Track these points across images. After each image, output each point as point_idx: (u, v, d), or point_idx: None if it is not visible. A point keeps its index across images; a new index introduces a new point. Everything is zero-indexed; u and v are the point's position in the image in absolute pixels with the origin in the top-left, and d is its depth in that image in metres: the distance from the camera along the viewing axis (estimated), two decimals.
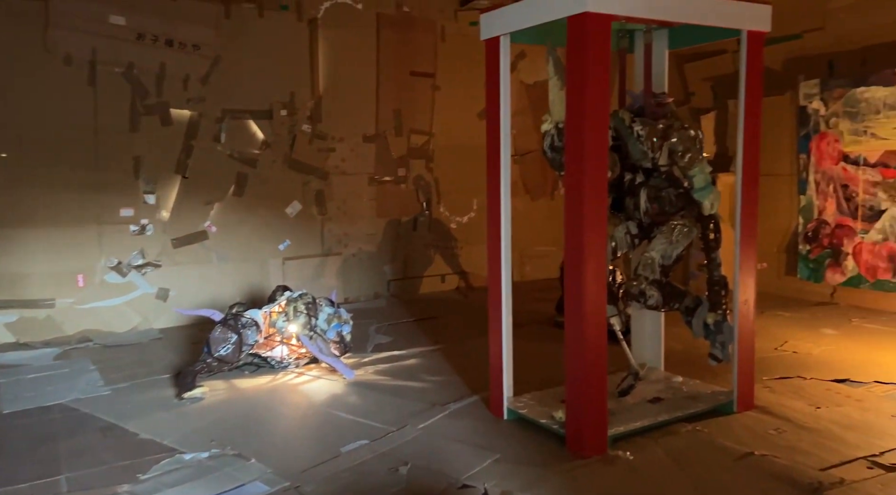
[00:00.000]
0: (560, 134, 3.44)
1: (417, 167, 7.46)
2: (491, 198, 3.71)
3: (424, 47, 7.36)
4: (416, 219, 7.49)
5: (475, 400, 4.05)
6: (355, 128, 7.06)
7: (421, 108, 7.41)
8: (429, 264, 7.60)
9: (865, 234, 6.13)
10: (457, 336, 5.59)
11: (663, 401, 3.76)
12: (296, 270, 6.78)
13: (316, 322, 4.60)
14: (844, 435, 3.43)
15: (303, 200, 6.83)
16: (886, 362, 4.62)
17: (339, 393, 4.28)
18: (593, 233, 3.13)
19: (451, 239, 7.68)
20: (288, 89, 6.67)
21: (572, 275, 3.20)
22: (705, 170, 3.63)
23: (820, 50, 6.57)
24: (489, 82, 3.62)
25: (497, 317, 3.74)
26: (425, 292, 7.50)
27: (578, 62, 3.04)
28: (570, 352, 3.26)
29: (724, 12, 3.42)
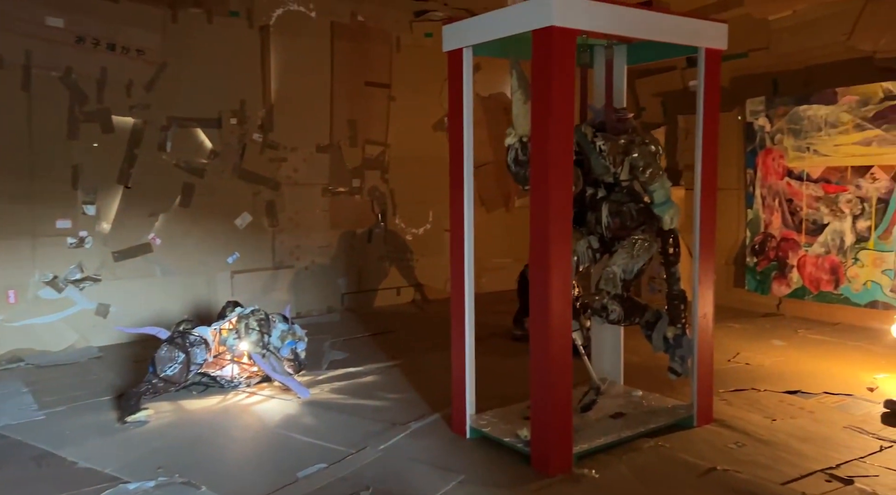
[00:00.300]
0: (524, 148, 3.40)
1: (372, 178, 7.34)
2: (454, 210, 3.64)
3: (379, 58, 7.27)
4: (370, 231, 7.36)
5: (436, 418, 3.96)
6: (308, 138, 6.91)
7: (376, 118, 7.31)
8: (384, 277, 7.48)
9: (809, 248, 6.33)
10: (415, 350, 5.48)
11: (625, 416, 3.74)
12: (245, 284, 6.56)
13: (269, 339, 4.43)
14: (801, 447, 3.48)
15: (253, 211, 6.62)
16: (833, 372, 4.74)
17: (293, 413, 4.12)
18: (559, 247, 3.09)
19: (407, 251, 7.59)
20: (238, 97, 6.47)
21: (537, 291, 3.16)
22: (665, 185, 3.65)
23: (765, 68, 6.78)
24: (452, 94, 3.56)
25: (460, 331, 3.66)
26: (380, 305, 7.37)
27: (544, 76, 3.01)
28: (536, 369, 3.21)
29: (683, 30, 3.46)
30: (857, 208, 5.97)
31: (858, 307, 6.00)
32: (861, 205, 5.95)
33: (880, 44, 5.92)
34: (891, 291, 5.78)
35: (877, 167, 5.82)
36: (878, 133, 5.77)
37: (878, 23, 5.94)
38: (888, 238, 5.78)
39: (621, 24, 3.19)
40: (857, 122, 5.90)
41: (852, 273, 6.03)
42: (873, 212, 5.88)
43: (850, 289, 6.05)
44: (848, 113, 5.95)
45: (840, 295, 6.12)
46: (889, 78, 5.78)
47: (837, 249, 6.13)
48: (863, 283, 5.96)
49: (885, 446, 3.47)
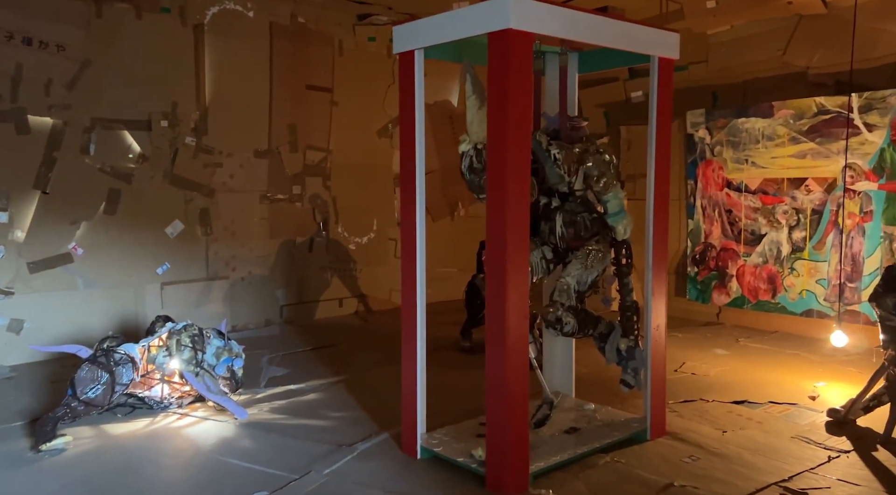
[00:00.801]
0: (479, 155, 3.27)
1: (314, 185, 7.09)
2: (405, 219, 3.48)
3: (321, 61, 7.04)
4: (312, 240, 7.10)
5: (385, 438, 3.76)
6: (245, 143, 6.60)
7: (318, 123, 7.06)
8: (325, 287, 7.22)
9: (748, 257, 6.45)
10: (360, 365, 5.27)
11: (579, 431, 3.65)
12: (177, 296, 6.19)
13: (203, 357, 4.14)
14: (753, 460, 3.46)
15: (185, 219, 6.27)
16: (776, 381, 4.80)
17: (230, 436, 3.84)
18: (516, 258, 2.97)
19: (350, 260, 7.35)
20: (169, 98, 6.12)
21: (494, 303, 3.02)
22: (619, 195, 3.59)
23: (704, 81, 6.91)
24: (403, 98, 3.40)
25: (411, 346, 3.49)
26: (322, 317, 7.11)
27: (500, 80, 2.89)
28: (491, 385, 3.07)
29: (638, 38, 3.41)
30: (793, 219, 6.13)
31: (795, 316, 6.14)
32: (796, 217, 6.11)
33: (813, 60, 6.11)
34: (825, 300, 5.94)
35: (811, 179, 5.99)
36: (812, 146, 5.94)
37: (811, 40, 6.13)
38: (822, 248, 5.95)
39: (578, 30, 3.11)
40: (792, 135, 6.07)
41: (789, 282, 6.18)
42: (808, 223, 6.04)
43: (786, 298, 6.20)
44: (784, 126, 6.11)
45: (777, 304, 6.26)
46: (822, 93, 5.96)
47: (774, 259, 6.27)
48: (799, 292, 6.11)
49: (832, 456, 3.49)
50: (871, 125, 5.57)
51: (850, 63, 5.86)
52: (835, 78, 5.97)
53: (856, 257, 5.73)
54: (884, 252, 5.55)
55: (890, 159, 5.48)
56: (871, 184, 5.61)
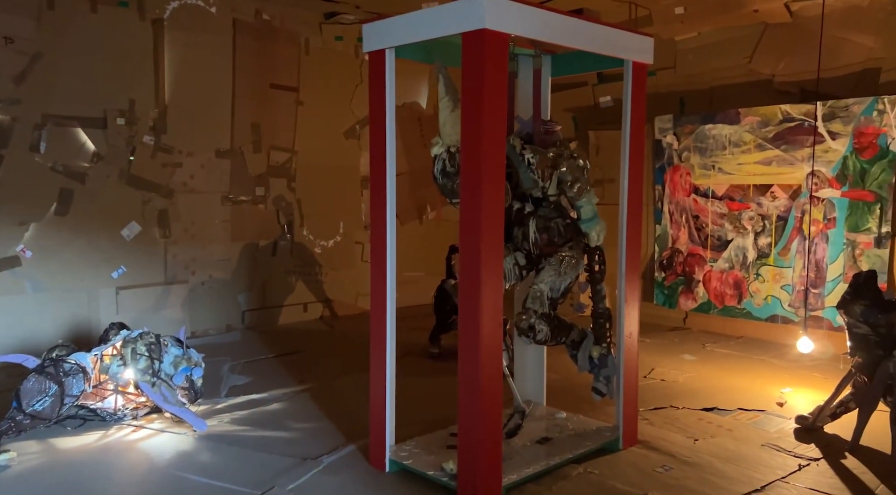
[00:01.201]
0: (452, 158, 3.18)
1: (278, 186, 6.91)
2: (375, 223, 3.36)
3: (287, 59, 6.87)
4: (275, 243, 6.91)
5: (352, 450, 3.63)
6: (207, 142, 6.39)
7: (282, 123, 6.89)
8: (290, 292, 7.04)
9: (714, 263, 6.49)
10: (325, 373, 5.12)
11: (551, 441, 3.58)
12: (133, 301, 5.95)
13: (160, 366, 3.95)
14: (725, 469, 3.43)
15: (142, 221, 6.03)
16: (743, 388, 4.81)
17: (188, 449, 3.67)
18: (490, 264, 2.88)
19: (315, 264, 7.19)
20: (126, 95, 5.89)
21: (467, 310, 2.93)
22: (592, 200, 3.53)
23: (672, 87, 6.94)
24: (373, 98, 3.28)
25: (380, 354, 3.37)
26: (286, 323, 6.92)
27: (475, 82, 2.80)
28: (464, 395, 2.97)
29: (612, 42, 3.36)
30: (759, 225, 6.18)
31: (760, 321, 6.20)
32: (762, 223, 6.16)
33: (778, 68, 6.18)
34: (789, 306, 6.00)
35: (776, 186, 6.05)
36: (778, 153, 6.00)
37: (776, 48, 6.20)
38: (787, 254, 6.01)
39: (554, 32, 3.04)
40: (758, 142, 6.12)
41: (754, 288, 6.23)
42: (773, 229, 6.10)
43: (752, 303, 6.25)
44: (750, 133, 6.16)
45: (743, 309, 6.31)
46: (787, 100, 6.03)
47: (740, 265, 6.32)
48: (764, 298, 6.17)
49: (802, 464, 3.48)
50: (835, 133, 5.64)
51: (814, 72, 5.95)
52: (799, 86, 6.04)
53: (819, 263, 5.80)
54: (846, 258, 5.63)
55: (853, 167, 5.56)
56: (835, 192, 5.68)
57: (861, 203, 5.53)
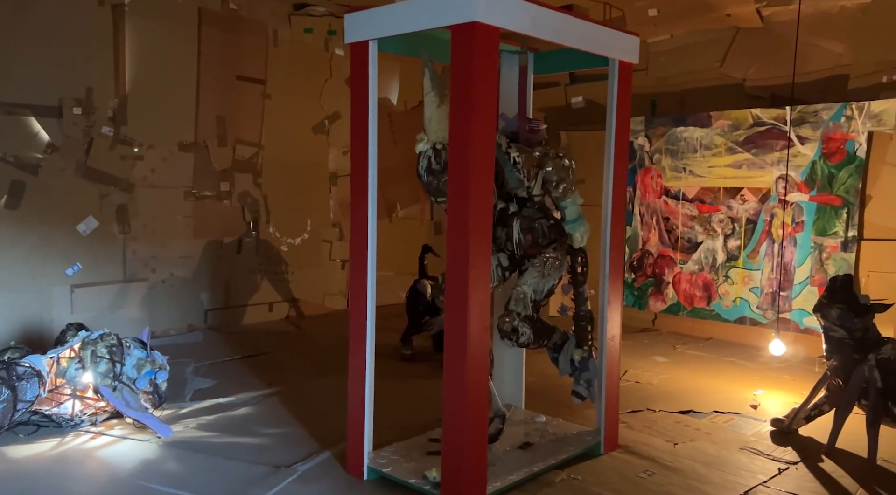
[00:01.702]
0: (438, 155, 3.07)
1: (244, 182, 6.69)
2: (356, 222, 3.22)
3: (254, 51, 6.65)
4: (240, 241, 6.69)
5: (327, 457, 3.49)
6: (169, 135, 6.14)
7: (249, 116, 6.67)
8: (254, 291, 6.82)
9: (684, 265, 6.53)
10: (294, 376, 4.95)
11: (533, 446, 3.50)
12: (89, 300, 5.67)
13: (122, 369, 3.75)
14: (707, 474, 3.41)
15: (100, 216, 5.76)
16: (716, 390, 4.83)
17: (152, 457, 3.48)
18: (478, 265, 2.79)
19: (281, 262, 6.99)
20: (84, 83, 5.61)
21: (454, 313, 2.82)
22: (577, 201, 3.47)
23: (643, 89, 6.95)
24: (355, 92, 3.15)
25: (359, 357, 3.23)
26: (250, 323, 6.71)
27: (465, 76, 2.70)
28: (449, 401, 2.86)
29: (601, 40, 3.30)
30: (729, 228, 6.24)
31: (728, 323, 6.25)
32: (732, 225, 6.22)
33: (749, 72, 6.24)
34: (757, 308, 6.07)
35: (746, 189, 6.11)
36: (748, 157, 6.06)
37: (747, 52, 6.26)
38: (756, 257, 6.08)
39: (545, 27, 2.96)
40: (729, 146, 6.17)
41: (723, 290, 6.29)
42: (743, 232, 6.16)
43: (720, 305, 6.30)
44: (721, 136, 6.21)
45: (712, 311, 6.36)
46: (758, 105, 6.09)
47: (710, 267, 6.37)
48: (732, 300, 6.22)
49: (782, 468, 3.48)
50: (804, 138, 5.72)
51: (784, 77, 6.03)
52: (770, 91, 6.11)
53: (787, 266, 5.88)
54: (813, 262, 5.72)
55: (821, 172, 5.65)
56: (803, 196, 5.76)
57: (828, 207, 5.62)
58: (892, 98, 5.32)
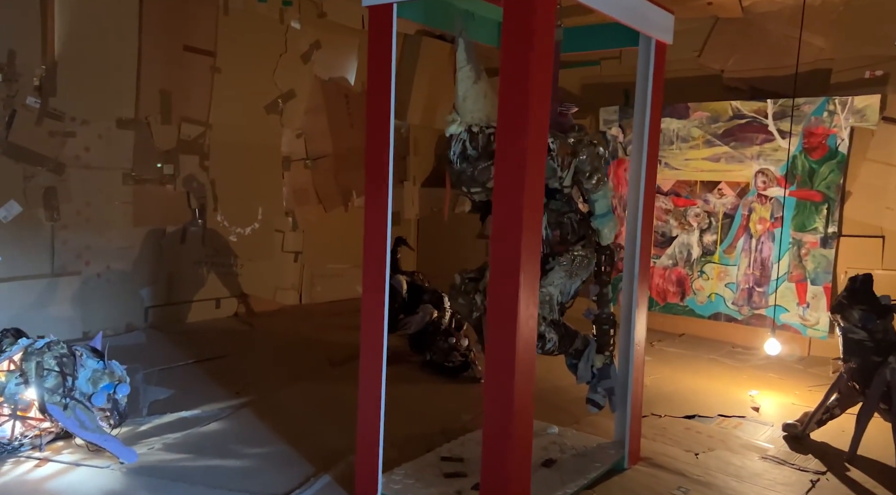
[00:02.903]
0: (474, 139, 2.67)
1: (189, 165, 6.02)
2: (372, 208, 2.78)
3: (202, 18, 5.98)
4: (185, 230, 6.03)
5: (327, 481, 3.05)
6: (106, 109, 5.42)
7: (196, 91, 6.00)
8: (200, 285, 6.18)
9: (657, 259, 6.39)
10: (262, 383, 4.43)
11: (556, 463, 3.19)
12: (12, 297, 4.93)
13: (74, 383, 3.15)
14: (742, 488, 3.19)
15: (24, 200, 5.00)
16: (710, 390, 4.68)
17: (118, 489, 2.93)
18: (529, 267, 2.42)
19: (230, 254, 6.37)
20: (4, 45, 4.83)
21: (498, 320, 2.44)
22: (608, 194, 3.17)
23: (616, 78, 6.76)
24: (373, 65, 2.69)
25: (373, 367, 2.80)
26: (196, 321, 6.08)
27: (520, 47, 2.31)
28: (491, 419, 2.48)
29: (643, 15, 2.99)
30: (705, 222, 6.13)
31: (702, 319, 6.16)
32: (708, 220, 6.12)
33: (728, 64, 6.13)
34: (732, 304, 6.00)
35: (724, 183, 6.01)
36: (727, 150, 5.96)
37: (725, 43, 6.15)
38: (732, 252, 6.00)
39: None
40: (707, 138, 6.05)
41: (698, 285, 6.19)
42: (719, 226, 6.07)
43: (695, 301, 6.20)
44: (699, 128, 6.08)
45: (685, 306, 6.26)
46: (737, 97, 6.00)
47: (684, 262, 6.26)
48: (707, 296, 6.13)
49: (814, 480, 3.31)
50: (785, 132, 5.66)
51: (764, 69, 5.95)
52: (749, 83, 6.03)
53: (765, 262, 5.82)
54: (792, 258, 5.68)
55: (801, 167, 5.60)
56: (783, 191, 5.71)
57: (808, 203, 5.59)
58: (873, 93, 5.32)
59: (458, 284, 3.08)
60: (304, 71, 6.79)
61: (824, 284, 5.52)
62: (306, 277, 7.06)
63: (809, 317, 5.58)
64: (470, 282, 3.05)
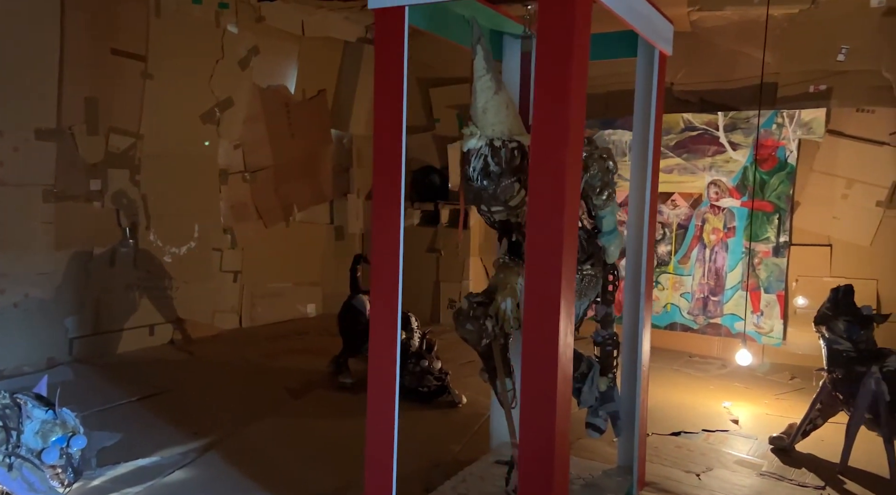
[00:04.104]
0: (496, 154, 2.45)
1: (119, 179, 5.47)
2: (380, 219, 2.48)
3: (132, 20, 5.47)
4: (114, 251, 5.47)
5: None
6: (24, 118, 4.83)
7: (126, 99, 5.47)
8: (132, 312, 5.62)
9: None
10: (221, 419, 4.01)
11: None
12: None
13: (20, 439, 2.67)
14: None
15: None
16: (684, 403, 4.65)
17: None
18: (568, 290, 2.23)
19: (164, 276, 5.83)
20: None
21: (536, 347, 2.23)
22: (615, 210, 3.04)
23: None
24: (382, 70, 2.42)
25: (384, 399, 2.52)
26: (128, 351, 5.51)
27: (560, 54, 2.12)
28: (528, 446, 2.25)
29: (654, 24, 2.89)
30: (659, 233, 6.18)
31: (658, 329, 6.19)
32: (662, 231, 6.17)
33: (678, 76, 6.22)
34: (688, 313, 6.07)
35: (677, 194, 6.08)
36: (679, 161, 6.03)
37: (675, 55, 6.21)
38: (686, 262, 6.07)
39: None
40: None
41: (653, 296, 6.21)
42: (674, 237, 6.12)
43: None
44: None
45: None
46: (688, 109, 6.09)
47: None
48: (663, 306, 6.17)
49: None
50: (736, 144, 5.78)
51: (713, 82, 6.07)
52: (699, 95, 6.13)
53: (719, 272, 5.92)
54: (744, 267, 5.80)
55: (752, 178, 5.74)
56: (735, 201, 5.83)
57: (760, 213, 5.72)
58: (818, 107, 5.52)
59: (465, 309, 2.84)
60: (243, 78, 6.36)
61: (777, 292, 5.66)
62: (246, 298, 6.59)
63: (764, 325, 5.71)
64: (479, 307, 2.83)
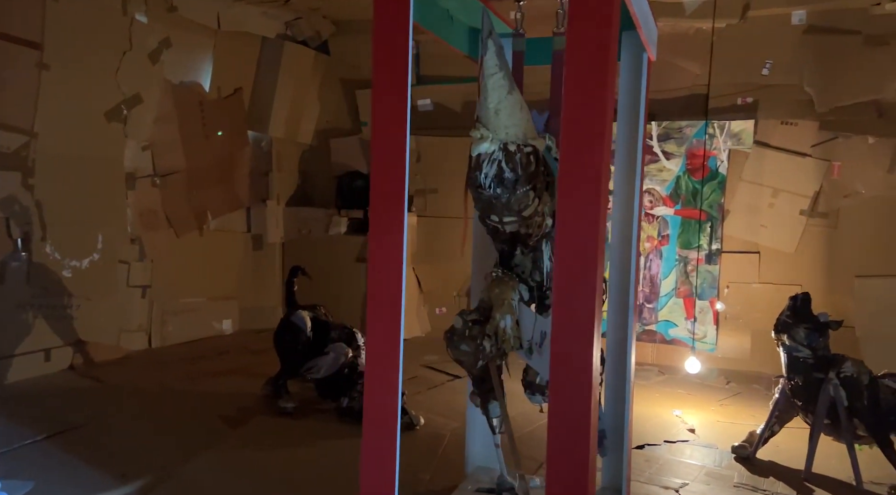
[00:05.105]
0: (510, 159, 2.21)
1: (9, 183, 4.76)
2: (380, 234, 2.18)
3: (25, 2, 4.77)
4: (4, 265, 4.74)
5: None
6: None
7: (17, 92, 4.77)
8: (25, 335, 4.89)
9: None
10: (151, 457, 3.50)
11: None
12: None
13: None
14: None
15: None
16: (638, 413, 4.51)
17: None
18: (599, 306, 2.04)
19: (63, 293, 5.13)
20: None
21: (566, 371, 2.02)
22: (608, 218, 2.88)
23: None
24: (381, 59, 2.12)
25: (385, 426, 2.21)
26: (21, 380, 4.78)
27: (595, 51, 1.93)
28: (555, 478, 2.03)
29: (651, 29, 2.76)
30: None
31: None
32: None
33: None
34: None
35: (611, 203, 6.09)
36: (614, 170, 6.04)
37: None
38: None
39: None
40: None
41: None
42: None
43: None
44: None
45: None
46: None
47: None
48: None
49: None
50: (669, 153, 5.88)
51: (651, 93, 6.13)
52: None
53: (654, 279, 5.98)
54: (678, 274, 5.89)
55: (685, 187, 5.85)
56: (668, 210, 5.92)
57: (693, 221, 5.84)
58: (746, 119, 5.71)
59: (460, 329, 2.59)
60: (153, 72, 5.76)
61: (710, 299, 5.79)
62: (156, 315, 5.96)
63: (697, 331, 5.82)
64: (475, 326, 2.58)
